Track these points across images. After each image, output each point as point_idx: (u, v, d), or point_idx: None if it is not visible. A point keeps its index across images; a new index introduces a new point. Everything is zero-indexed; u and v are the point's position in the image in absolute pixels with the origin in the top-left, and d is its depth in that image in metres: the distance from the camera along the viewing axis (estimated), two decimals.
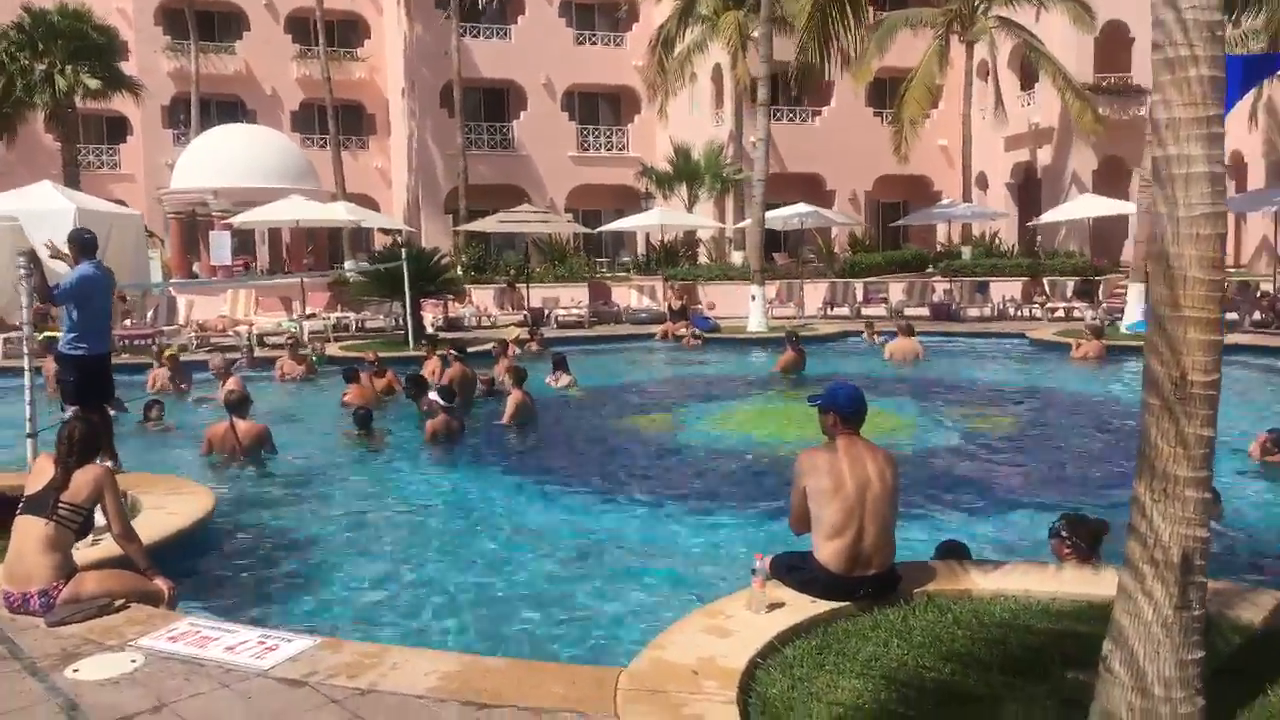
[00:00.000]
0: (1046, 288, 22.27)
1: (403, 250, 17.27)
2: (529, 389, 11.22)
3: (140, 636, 4.32)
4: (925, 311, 21.89)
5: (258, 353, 15.98)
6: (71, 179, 30.43)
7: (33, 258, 7.40)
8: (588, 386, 13.97)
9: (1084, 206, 24.79)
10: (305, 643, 4.24)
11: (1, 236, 16.54)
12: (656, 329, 20.01)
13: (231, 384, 10.87)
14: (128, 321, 18.46)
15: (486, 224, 24.88)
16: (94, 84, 29.77)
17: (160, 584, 4.82)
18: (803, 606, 4.48)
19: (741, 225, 28.54)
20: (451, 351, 13.14)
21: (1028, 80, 31.05)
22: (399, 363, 14.22)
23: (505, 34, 35.13)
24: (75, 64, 29.43)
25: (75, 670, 3.99)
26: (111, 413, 8.07)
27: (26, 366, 7.22)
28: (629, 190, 34.76)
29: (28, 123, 32.79)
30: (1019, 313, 21.95)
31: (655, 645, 4.12)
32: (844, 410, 4.79)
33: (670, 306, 20.45)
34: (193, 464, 9.10)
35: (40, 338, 16.95)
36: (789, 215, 26.06)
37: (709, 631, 4.24)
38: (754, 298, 20.00)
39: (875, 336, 17.78)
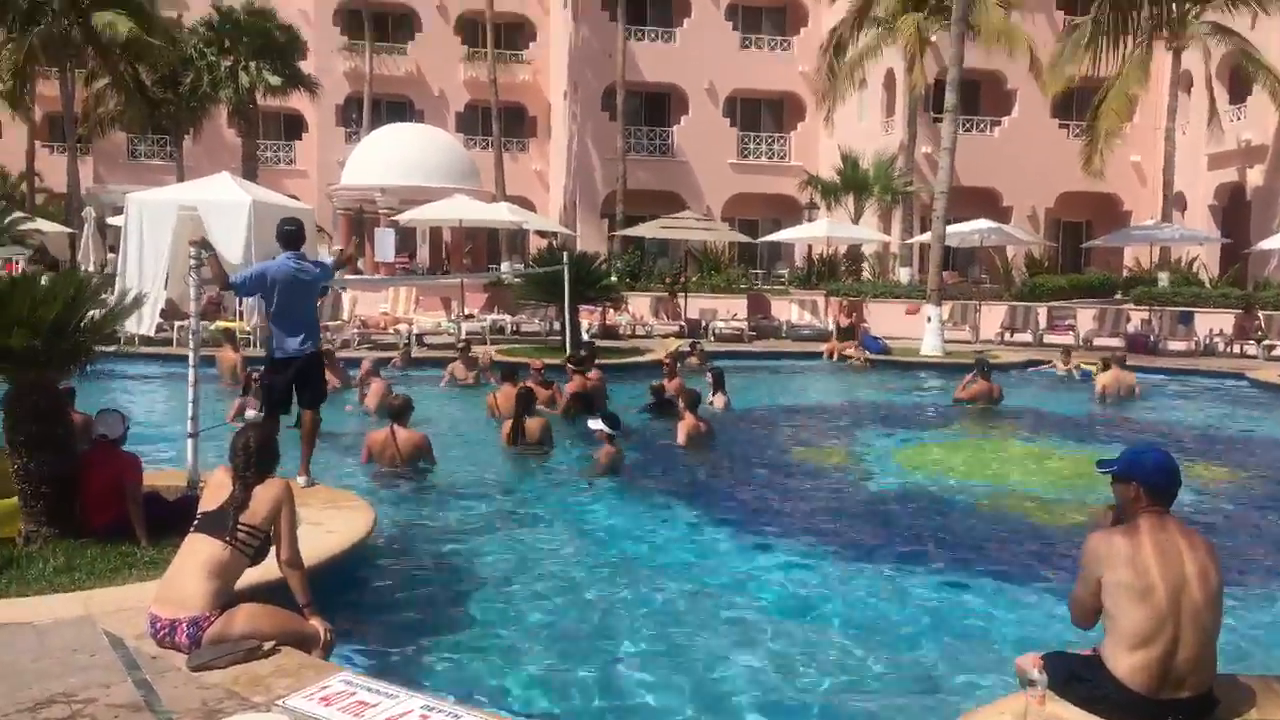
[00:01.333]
0: (1262, 321, 19.99)
1: (564, 254, 16.79)
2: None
3: (289, 694, 3.71)
4: (1117, 342, 19.98)
5: (415, 353, 15.79)
6: (250, 173, 31.64)
7: (205, 246, 7.11)
8: (749, 409, 13.08)
9: None
10: None
11: (182, 225, 17.06)
12: (821, 347, 18.93)
13: (377, 387, 10.51)
14: None
15: (648, 229, 24.32)
16: (275, 81, 30.87)
17: (317, 626, 4.23)
18: None
19: (913, 241, 27.04)
20: (569, 364, 12.45)
21: (1237, 93, 28.34)
22: (557, 370, 13.65)
23: (670, 37, 34.64)
24: (258, 61, 30.58)
25: None
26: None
27: (191, 364, 6.89)
28: (788, 200, 33.67)
29: (212, 118, 34.37)
30: (1229, 349, 19.80)
31: None
32: (1151, 482, 3.74)
33: (837, 324, 19.31)
34: (338, 471, 8.68)
35: (213, 327, 17.38)
36: (969, 231, 24.44)
37: None
38: (929, 319, 18.67)
39: (1074, 368, 16.14)
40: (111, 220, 25.38)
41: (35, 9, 27.66)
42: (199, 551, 4.06)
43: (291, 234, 7.24)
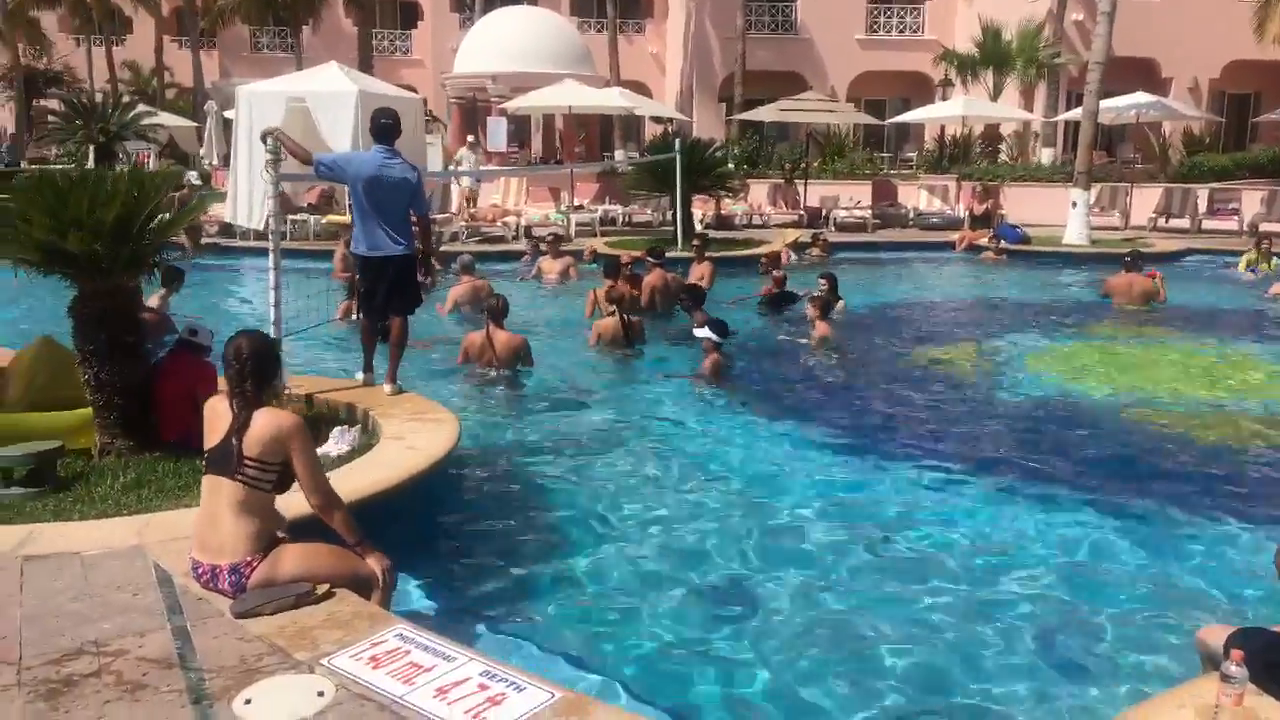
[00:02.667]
0: None
1: (675, 141, 15.88)
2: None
3: (337, 651, 3.29)
4: None
5: (522, 244, 15.33)
6: (365, 63, 31.39)
7: (279, 138, 6.62)
8: (874, 306, 12.17)
9: None
10: (538, 698, 3.05)
11: (291, 116, 16.85)
12: (952, 236, 17.60)
13: (466, 286, 10.05)
14: None
15: (764, 112, 22.99)
16: None
17: (373, 565, 3.80)
18: None
19: (1059, 118, 24.82)
20: (648, 257, 11.66)
21: None
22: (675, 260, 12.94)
23: None
24: None
25: (247, 702, 3.01)
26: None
27: (271, 265, 6.49)
28: (919, 78, 31.47)
29: (330, 7, 34.11)
30: None
31: None
32: None
33: (971, 211, 17.88)
34: (427, 371, 8.29)
35: (324, 221, 17.30)
36: (1125, 106, 22.13)
37: None
38: (1075, 204, 17.07)
39: (1267, 261, 14.32)
40: (229, 114, 25.53)
41: None
42: (218, 491, 3.63)
43: (385, 127, 6.64)
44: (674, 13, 36.05)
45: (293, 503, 3.84)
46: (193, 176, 22.73)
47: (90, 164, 21.54)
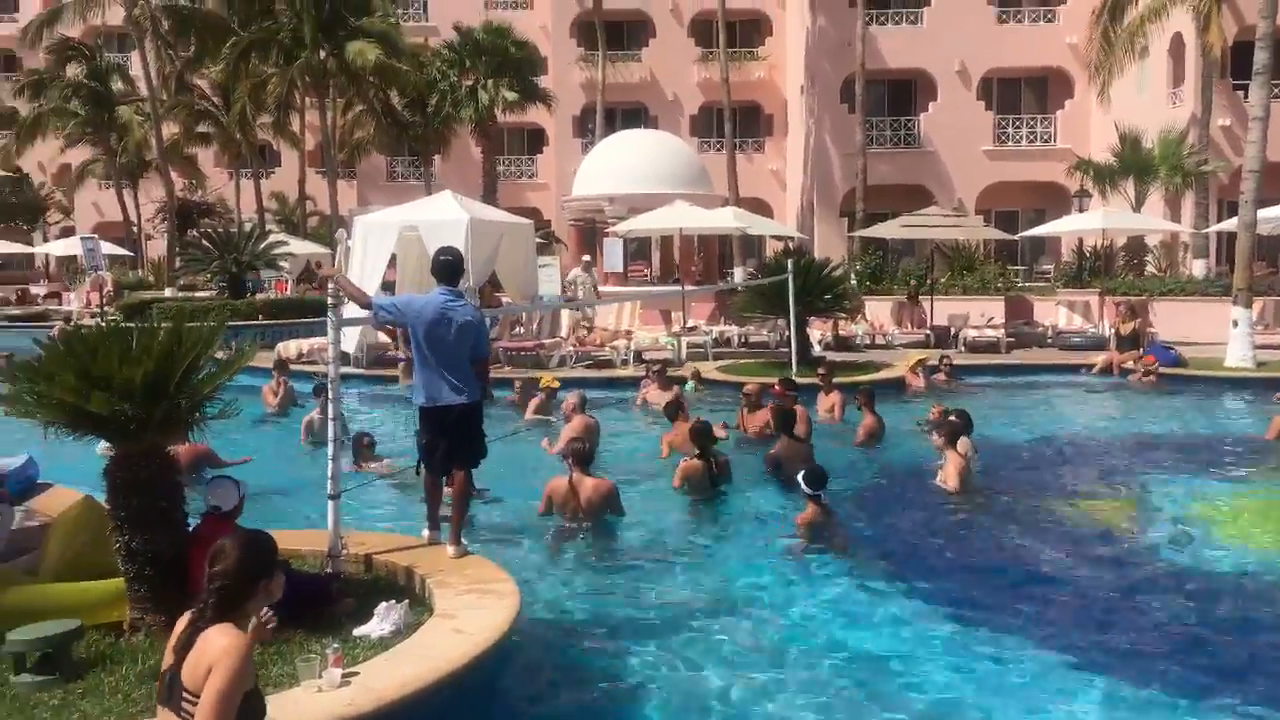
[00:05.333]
0: None
1: (788, 262, 15.25)
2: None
3: None
4: None
5: (629, 371, 14.79)
6: (490, 188, 32.40)
7: (339, 282, 6.27)
8: (1006, 440, 11.00)
9: None
10: None
11: (407, 246, 17.09)
12: (1096, 358, 16.19)
13: (577, 425, 9.42)
14: (519, 329, 18.34)
15: (887, 228, 22.22)
16: (512, 96, 31.35)
17: None
18: None
19: (1211, 229, 23.12)
20: (784, 389, 10.75)
21: None
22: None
23: (916, 18, 32.04)
24: (496, 78, 31.14)
25: None
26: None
27: (331, 415, 6.04)
28: (1053, 188, 30.19)
29: (459, 136, 35.55)
30: None
31: None
32: None
33: (1118, 331, 16.46)
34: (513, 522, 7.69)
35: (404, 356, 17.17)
36: None
37: None
38: (1236, 323, 15.49)
39: None
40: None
41: (296, 44, 29.50)
42: None
43: (447, 265, 6.30)
44: (793, 130, 36.06)
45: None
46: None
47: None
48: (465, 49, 31.64)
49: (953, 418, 9.18)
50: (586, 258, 21.86)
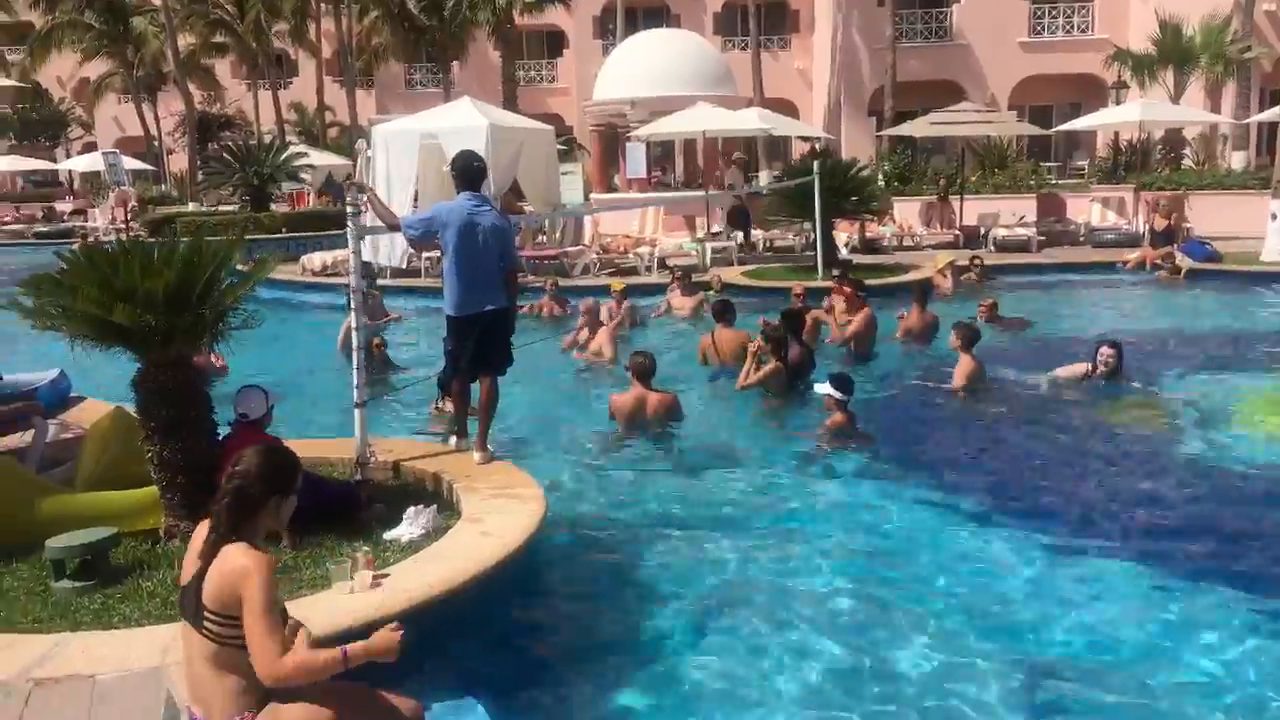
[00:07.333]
0: None
1: (813, 163, 14.94)
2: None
3: None
4: None
5: (654, 278, 14.70)
6: (510, 95, 31.80)
7: (361, 189, 6.23)
8: (1038, 338, 10.90)
9: None
10: None
11: (428, 155, 16.90)
12: (1129, 255, 15.87)
13: (605, 340, 9.39)
14: (542, 238, 18.22)
15: (916, 126, 21.65)
16: None
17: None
18: None
19: (1253, 119, 22.38)
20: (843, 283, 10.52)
21: None
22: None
23: None
24: None
25: None
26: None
27: (354, 325, 6.06)
28: (1090, 80, 29.29)
29: (477, 41, 34.77)
30: None
31: None
32: None
33: (1152, 227, 16.10)
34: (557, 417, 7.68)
35: None
36: None
37: None
38: (1275, 216, 15.11)
39: None
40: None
41: None
42: (190, 642, 3.07)
43: (473, 169, 6.20)
44: (820, 26, 34.99)
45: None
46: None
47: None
48: None
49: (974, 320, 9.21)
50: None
